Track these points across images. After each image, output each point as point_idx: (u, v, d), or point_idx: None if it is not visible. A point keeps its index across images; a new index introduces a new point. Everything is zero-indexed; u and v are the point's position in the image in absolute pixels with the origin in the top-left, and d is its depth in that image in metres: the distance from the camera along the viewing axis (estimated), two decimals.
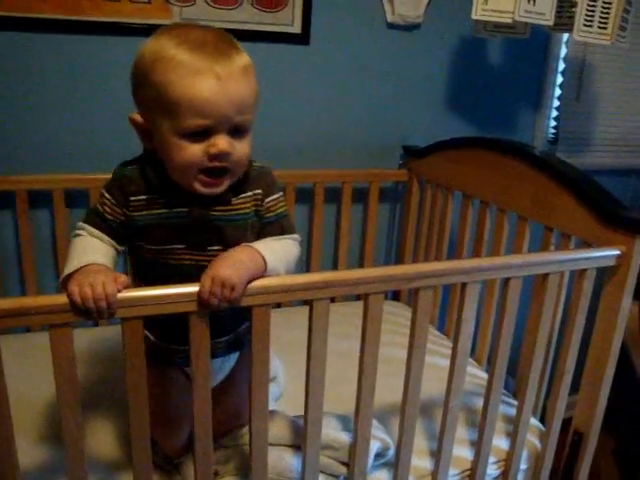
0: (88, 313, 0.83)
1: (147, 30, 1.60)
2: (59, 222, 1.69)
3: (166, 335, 1.08)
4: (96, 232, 0.99)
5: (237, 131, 0.93)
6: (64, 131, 1.66)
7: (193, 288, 0.88)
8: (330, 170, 1.92)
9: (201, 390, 0.95)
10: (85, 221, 1.01)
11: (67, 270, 0.90)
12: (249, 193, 1.02)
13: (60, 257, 1.72)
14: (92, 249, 0.96)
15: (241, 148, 0.94)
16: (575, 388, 1.37)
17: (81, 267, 0.89)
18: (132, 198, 0.99)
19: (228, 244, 0.98)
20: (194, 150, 0.91)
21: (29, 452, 1.20)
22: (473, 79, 2.05)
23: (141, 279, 1.05)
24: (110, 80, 1.64)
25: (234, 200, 1.01)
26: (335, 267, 2.01)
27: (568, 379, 1.34)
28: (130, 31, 1.63)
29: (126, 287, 0.87)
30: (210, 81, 0.88)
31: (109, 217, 1.00)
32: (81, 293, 0.83)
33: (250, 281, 0.91)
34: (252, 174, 1.03)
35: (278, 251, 0.98)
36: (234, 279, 0.88)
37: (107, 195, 1.01)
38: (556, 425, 1.37)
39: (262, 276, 0.93)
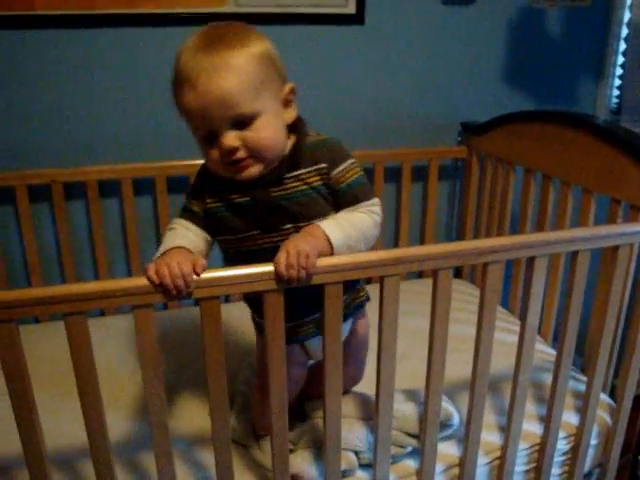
0: (167, 292, 0.88)
1: (202, 20, 1.66)
2: (128, 210, 1.76)
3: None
4: (185, 223, 1.05)
5: (240, 122, 0.94)
6: (127, 122, 1.74)
7: (268, 267, 0.91)
8: (389, 149, 1.93)
9: (276, 367, 0.98)
10: (178, 216, 1.08)
11: (155, 257, 0.95)
12: (310, 168, 1.01)
13: (129, 244, 1.80)
14: (179, 237, 1.01)
15: (253, 135, 0.95)
16: None
17: (165, 251, 0.95)
18: (207, 194, 1.05)
19: (298, 221, 1.01)
20: (213, 154, 0.97)
21: (117, 427, 1.28)
22: (531, 51, 2.01)
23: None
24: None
25: (288, 177, 1.01)
26: (396, 245, 2.02)
27: (639, 354, 1.32)
28: (184, 21, 1.67)
29: (204, 270, 0.90)
30: (188, 92, 0.92)
31: (195, 209, 1.06)
32: (158, 272, 0.87)
33: (319, 255, 0.93)
34: (306, 148, 1.02)
35: (345, 226, 0.98)
36: (306, 248, 0.90)
37: (191, 190, 1.08)
38: (627, 400, 1.35)
39: (330, 253, 0.95)
